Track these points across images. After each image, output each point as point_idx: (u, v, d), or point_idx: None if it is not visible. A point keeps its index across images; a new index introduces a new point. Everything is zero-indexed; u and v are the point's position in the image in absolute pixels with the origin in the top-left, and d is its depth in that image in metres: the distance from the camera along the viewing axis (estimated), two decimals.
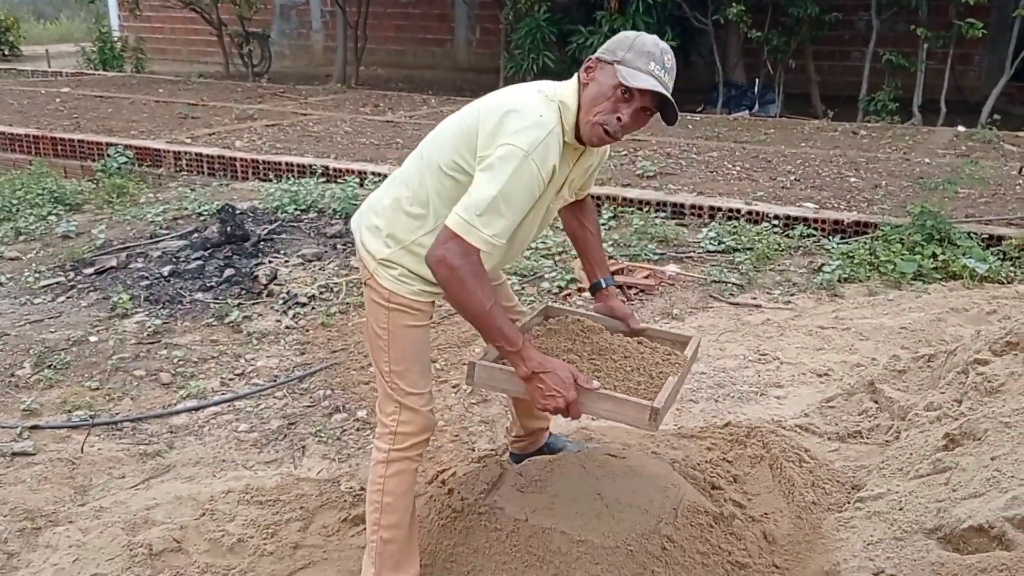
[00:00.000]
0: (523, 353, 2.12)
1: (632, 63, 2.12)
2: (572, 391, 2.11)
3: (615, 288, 2.69)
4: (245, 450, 3.49)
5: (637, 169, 7.50)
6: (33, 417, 3.68)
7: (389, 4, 16.89)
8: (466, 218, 2.04)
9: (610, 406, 2.16)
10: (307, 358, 4.29)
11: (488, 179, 2.06)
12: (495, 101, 2.19)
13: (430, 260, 2.09)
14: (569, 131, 2.19)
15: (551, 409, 2.14)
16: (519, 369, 2.14)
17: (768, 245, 5.65)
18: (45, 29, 25.67)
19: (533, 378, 2.12)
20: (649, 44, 2.15)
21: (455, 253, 2.04)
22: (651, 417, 2.11)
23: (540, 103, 2.15)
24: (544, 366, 2.12)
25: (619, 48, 2.15)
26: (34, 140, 8.73)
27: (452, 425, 3.62)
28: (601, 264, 2.67)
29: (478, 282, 2.06)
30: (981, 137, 9.23)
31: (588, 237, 2.68)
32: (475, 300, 2.07)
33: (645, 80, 2.11)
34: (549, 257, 5.59)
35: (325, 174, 7.51)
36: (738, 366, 4.10)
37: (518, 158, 2.04)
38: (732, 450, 3.03)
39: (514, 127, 2.08)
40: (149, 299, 4.86)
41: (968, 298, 4.67)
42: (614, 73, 2.13)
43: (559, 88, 2.23)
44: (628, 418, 2.15)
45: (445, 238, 2.06)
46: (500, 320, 2.11)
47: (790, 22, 11.03)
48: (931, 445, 2.74)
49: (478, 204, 2.04)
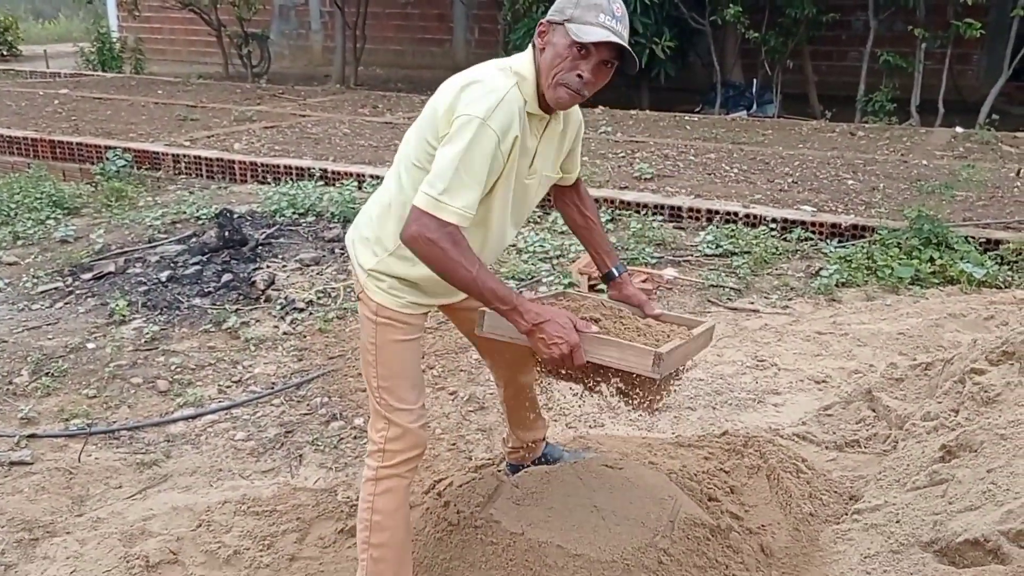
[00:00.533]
0: (519, 308, 2.11)
1: (581, 18, 2.10)
2: (573, 334, 2.11)
3: (627, 275, 2.66)
4: (242, 459, 3.49)
5: (634, 171, 7.50)
6: (31, 426, 3.69)
7: (388, 4, 16.87)
8: (431, 193, 2.04)
9: (613, 352, 2.16)
10: (304, 364, 4.29)
11: (447, 151, 2.06)
12: (450, 82, 2.19)
13: (404, 238, 2.08)
14: (531, 100, 2.18)
15: (556, 357, 2.13)
16: (518, 325, 2.13)
17: (766, 249, 5.65)
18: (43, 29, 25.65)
19: (534, 330, 2.12)
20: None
21: (429, 227, 2.03)
22: (655, 362, 2.10)
23: (494, 74, 2.16)
24: (542, 315, 2.12)
25: (567, 6, 2.12)
26: (32, 143, 8.72)
27: (449, 433, 3.62)
28: (610, 253, 2.65)
29: (459, 250, 2.05)
30: (979, 138, 9.23)
31: (591, 227, 2.66)
32: (459, 268, 2.06)
33: (598, 33, 2.09)
34: (547, 261, 5.59)
35: (323, 177, 7.50)
36: (736, 372, 4.11)
37: (475, 125, 2.04)
38: (729, 460, 3.03)
39: (468, 98, 2.09)
40: (147, 305, 4.86)
41: (966, 303, 4.67)
42: (566, 32, 2.11)
43: (514, 60, 2.22)
44: (632, 364, 2.14)
45: (416, 216, 2.06)
46: (490, 281, 2.10)
47: (787, 23, 11.01)
48: (928, 456, 2.75)
49: (440, 177, 2.04)
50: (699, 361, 4.20)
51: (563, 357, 2.13)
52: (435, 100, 2.19)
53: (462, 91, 2.12)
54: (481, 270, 2.09)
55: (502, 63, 2.23)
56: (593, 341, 2.16)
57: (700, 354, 2.74)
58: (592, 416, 3.68)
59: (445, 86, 2.20)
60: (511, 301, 2.11)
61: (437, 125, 2.15)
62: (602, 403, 3.76)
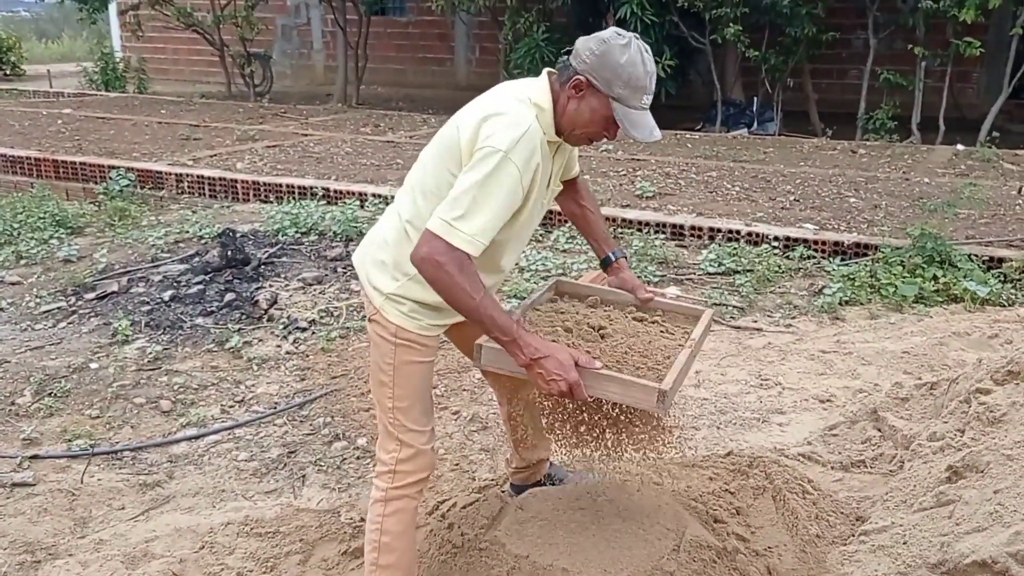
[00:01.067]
0: (519, 342, 2.11)
1: (628, 101, 2.14)
2: (573, 373, 2.11)
3: (624, 260, 2.68)
4: (245, 479, 3.48)
5: (636, 190, 7.51)
6: (33, 446, 3.67)
7: (389, 24, 16.99)
8: (445, 218, 2.05)
9: (617, 388, 2.14)
10: (307, 384, 4.28)
11: (466, 179, 2.07)
12: (471, 111, 2.21)
13: (414, 259, 2.09)
14: (548, 130, 2.21)
15: (555, 393, 2.13)
16: (517, 358, 2.13)
17: (768, 267, 5.65)
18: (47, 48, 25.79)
19: (532, 365, 2.11)
20: (640, 74, 2.14)
21: (439, 250, 2.04)
22: (659, 399, 2.09)
23: (515, 106, 2.17)
24: (540, 351, 2.11)
25: (614, 81, 2.13)
26: (36, 162, 8.74)
27: (452, 453, 3.60)
28: (606, 240, 2.68)
29: (465, 276, 2.05)
30: (980, 156, 9.25)
31: (588, 215, 2.69)
32: (464, 294, 2.06)
33: (645, 132, 2.17)
34: (549, 279, 5.57)
35: (325, 196, 7.52)
36: (740, 391, 4.09)
37: (497, 158, 2.06)
38: (735, 480, 3.02)
39: (490, 130, 2.10)
40: (150, 324, 4.86)
41: (970, 322, 4.66)
42: (608, 106, 2.15)
43: (530, 90, 2.24)
44: (636, 400, 2.13)
45: (428, 239, 2.06)
46: (492, 310, 2.10)
47: (787, 41, 11.07)
48: (934, 477, 2.73)
49: (457, 203, 2.05)
50: (703, 380, 4.19)
51: (562, 393, 2.13)
52: (455, 129, 2.20)
53: (484, 122, 2.12)
54: (485, 298, 2.09)
55: (519, 92, 2.23)
56: (596, 377, 2.14)
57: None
58: None
59: (465, 116, 2.20)
60: (511, 333, 2.11)
61: (460, 157, 2.15)
62: None
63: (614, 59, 2.12)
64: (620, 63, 2.12)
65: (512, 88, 2.26)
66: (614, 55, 2.12)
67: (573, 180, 2.65)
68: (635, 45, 2.14)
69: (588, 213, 2.68)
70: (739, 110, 12.20)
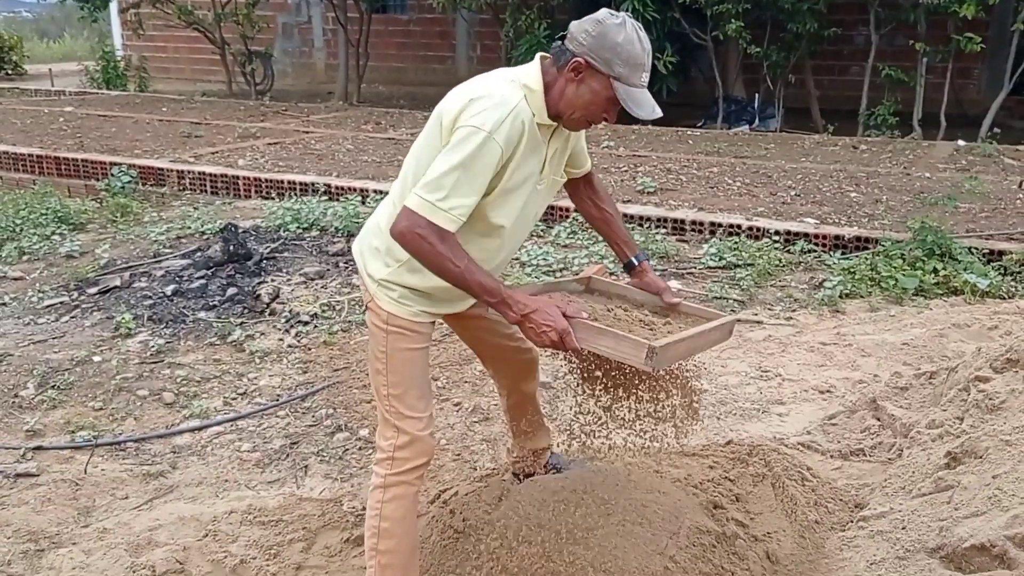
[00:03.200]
0: (508, 300, 2.15)
1: (628, 79, 2.15)
2: (562, 321, 2.15)
3: (647, 262, 2.68)
4: (248, 470, 3.49)
5: (637, 185, 7.53)
6: (37, 438, 3.70)
7: (390, 22, 17.01)
8: (424, 196, 2.08)
9: (608, 342, 2.17)
10: (309, 376, 4.29)
11: (446, 158, 2.09)
12: (458, 92, 2.22)
13: (393, 233, 2.12)
14: (539, 112, 2.21)
15: (547, 344, 2.17)
16: (508, 316, 2.17)
17: (769, 261, 5.66)
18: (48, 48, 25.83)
19: (523, 320, 2.16)
20: (638, 51, 2.15)
21: (419, 224, 2.08)
22: (648, 355, 2.10)
23: (502, 86, 2.19)
24: (529, 305, 2.15)
25: (614, 60, 2.14)
26: (38, 160, 8.77)
27: (454, 444, 3.62)
28: (628, 243, 2.67)
29: (446, 246, 2.09)
30: (981, 151, 9.25)
31: (607, 218, 2.68)
32: (447, 262, 2.10)
33: (647, 110, 2.17)
34: (550, 274, 5.60)
35: (327, 192, 7.54)
36: (740, 383, 4.11)
37: (480, 137, 2.08)
38: (734, 468, 3.03)
39: (475, 109, 2.11)
40: (152, 319, 4.88)
41: (970, 314, 4.67)
42: (610, 86, 2.16)
43: (520, 72, 2.25)
44: (626, 355, 2.15)
45: (406, 214, 2.09)
46: (478, 275, 2.13)
47: (789, 38, 11.08)
48: (933, 463, 2.75)
49: (435, 181, 2.08)
50: (703, 371, 4.20)
51: (554, 343, 2.16)
52: (440, 109, 2.22)
53: (470, 103, 2.13)
54: (469, 264, 2.12)
55: (509, 74, 2.25)
56: (589, 329, 2.18)
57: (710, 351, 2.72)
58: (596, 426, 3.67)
59: (452, 96, 2.22)
60: (499, 294, 2.15)
61: (442, 134, 2.17)
62: None
63: (612, 38, 2.13)
64: (618, 42, 2.13)
65: (502, 72, 2.29)
66: (611, 34, 2.14)
67: (590, 181, 2.65)
68: (630, 23, 2.16)
69: (607, 216, 2.67)
70: (741, 106, 12.21)
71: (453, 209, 2.08)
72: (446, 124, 2.16)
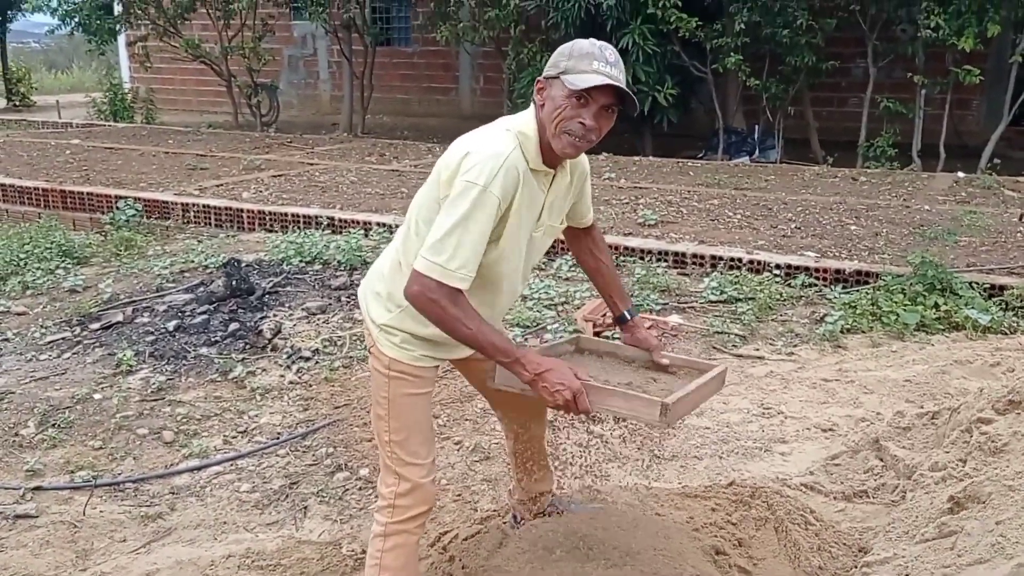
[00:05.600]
0: (521, 360, 2.17)
1: (575, 68, 2.15)
2: (575, 382, 2.16)
3: (640, 318, 2.69)
4: (247, 511, 3.48)
5: (638, 217, 7.54)
6: (36, 478, 3.69)
7: (395, 54, 17.15)
8: (431, 258, 2.10)
9: (620, 402, 2.19)
10: (310, 414, 4.29)
11: (447, 217, 2.12)
12: (454, 147, 2.24)
13: (408, 296, 2.15)
14: (533, 159, 2.22)
15: (560, 404, 2.17)
16: (521, 376, 2.18)
17: (770, 295, 5.66)
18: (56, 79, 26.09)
19: (536, 380, 2.16)
20: (586, 45, 2.17)
21: (429, 287, 2.10)
22: (662, 413, 2.12)
23: (495, 137, 2.21)
24: (542, 365, 2.17)
25: (560, 59, 2.18)
26: (43, 193, 8.82)
27: (454, 484, 3.60)
28: (622, 296, 2.69)
29: (458, 308, 2.12)
30: (981, 183, 9.27)
31: (603, 270, 2.70)
32: (459, 325, 2.13)
33: (594, 79, 2.13)
34: (552, 307, 5.60)
35: (330, 225, 7.56)
36: (742, 420, 4.09)
37: (475, 192, 2.10)
38: (737, 511, 3.01)
39: (469, 165, 2.13)
40: (154, 355, 4.88)
41: (971, 350, 4.66)
42: (563, 84, 2.16)
43: (517, 119, 2.27)
44: (639, 414, 2.17)
45: (416, 277, 2.12)
46: (491, 336, 2.16)
47: (788, 71, 11.15)
48: (936, 507, 2.73)
49: (440, 242, 2.10)
50: (705, 409, 4.19)
51: (567, 403, 2.17)
52: (441, 164, 2.24)
53: (466, 157, 2.15)
54: (481, 325, 2.14)
55: (507, 123, 2.27)
56: (600, 392, 2.20)
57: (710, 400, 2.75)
58: (598, 466, 3.66)
59: (451, 150, 2.24)
60: (512, 354, 2.17)
61: (440, 187, 2.20)
62: (608, 453, 3.76)
63: (560, 50, 2.21)
64: (563, 49, 2.20)
65: (502, 121, 2.31)
66: (561, 48, 2.21)
67: (590, 231, 2.66)
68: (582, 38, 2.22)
69: (603, 267, 2.70)
70: (740, 138, 12.27)
71: (460, 269, 2.10)
72: (444, 178, 2.19)
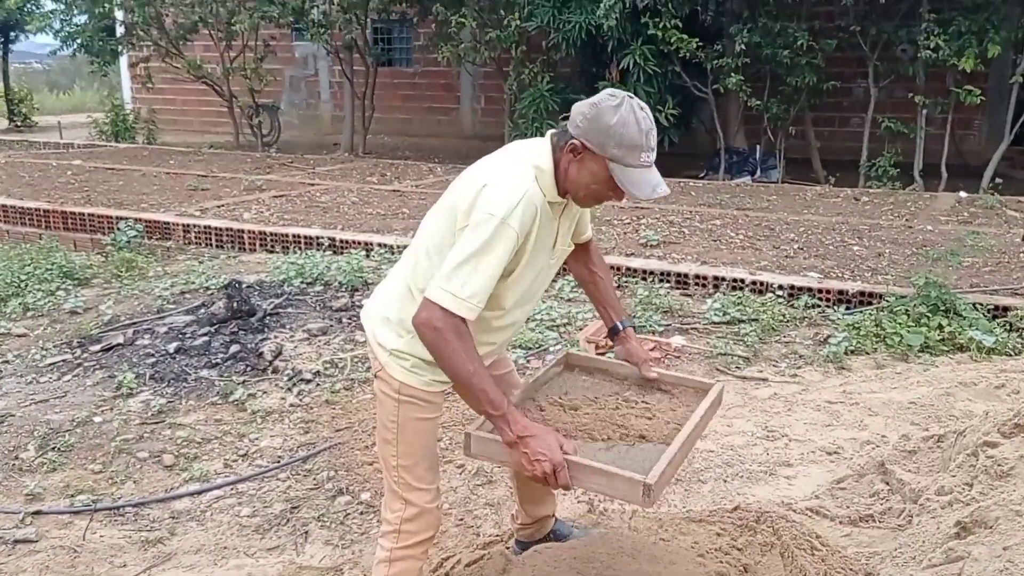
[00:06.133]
0: (507, 417, 2.13)
1: (624, 160, 2.14)
2: (558, 454, 2.10)
3: (632, 330, 2.67)
4: (247, 536, 3.45)
5: (640, 238, 7.54)
6: (36, 502, 3.66)
7: (396, 75, 17.22)
8: (443, 286, 2.10)
9: (601, 480, 2.11)
10: (311, 437, 4.26)
11: (463, 247, 2.11)
12: (471, 176, 2.24)
13: (415, 323, 2.13)
14: (549, 192, 2.22)
15: (539, 475, 2.12)
16: (504, 434, 2.14)
17: (773, 316, 5.64)
18: (58, 100, 26.18)
19: (518, 443, 2.12)
20: (633, 133, 2.13)
21: (437, 316, 2.09)
22: (644, 493, 2.04)
23: (513, 171, 2.20)
24: (528, 430, 2.13)
25: (608, 143, 2.13)
26: (44, 214, 8.83)
27: (457, 508, 3.58)
28: (616, 308, 2.68)
29: (462, 344, 2.10)
30: (983, 203, 9.28)
31: (598, 281, 2.69)
32: (459, 361, 2.11)
33: (646, 191, 2.14)
34: (554, 328, 5.58)
35: (331, 245, 7.56)
36: (746, 443, 4.06)
37: (494, 225, 2.09)
38: (742, 536, 2.98)
39: (489, 197, 2.13)
40: (154, 377, 4.86)
41: (976, 372, 4.63)
42: (606, 167, 2.16)
43: (532, 153, 2.26)
44: (620, 493, 2.10)
45: (426, 305, 2.11)
46: (485, 383, 2.13)
47: (788, 91, 11.18)
48: (943, 532, 2.71)
49: (454, 271, 2.09)
50: (709, 432, 4.16)
51: (545, 475, 2.11)
52: (456, 193, 2.23)
53: (484, 189, 2.15)
54: (479, 368, 2.12)
55: (522, 155, 2.26)
56: (582, 469, 2.12)
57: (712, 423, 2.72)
58: None
59: (466, 179, 2.24)
60: (501, 408, 2.13)
61: (456, 218, 2.19)
62: None
63: (605, 121, 2.13)
64: (611, 124, 2.13)
65: (517, 150, 2.30)
66: (604, 117, 2.13)
67: (587, 246, 2.66)
68: (628, 104, 2.14)
69: (598, 279, 2.69)
70: (742, 158, 12.30)
71: (471, 298, 2.09)
72: (462, 209, 2.17)
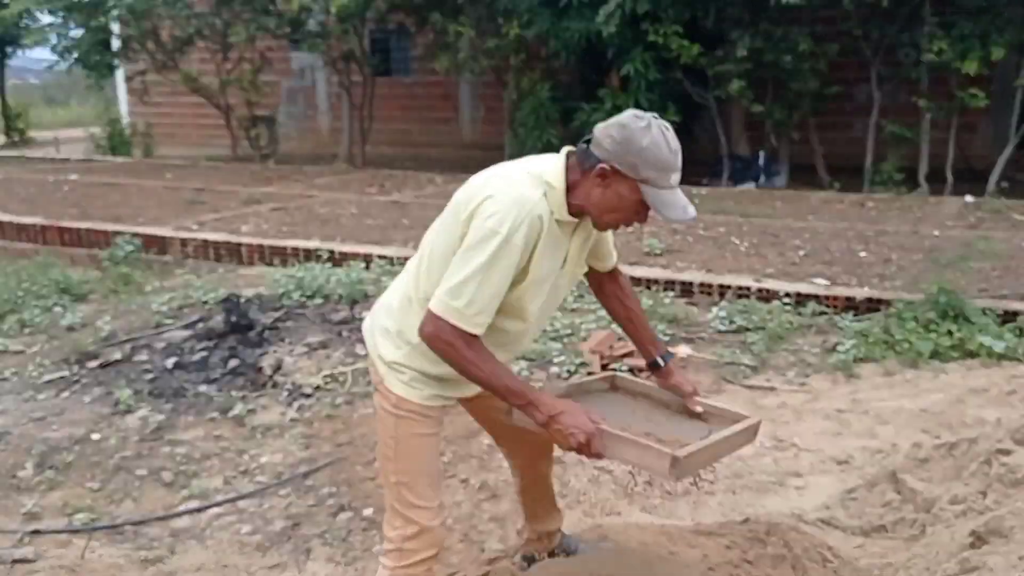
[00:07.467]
0: (535, 403, 2.16)
1: (657, 182, 2.10)
2: (589, 425, 2.14)
3: (673, 363, 2.59)
4: (248, 554, 3.39)
5: (644, 247, 7.48)
6: (34, 521, 3.60)
7: (394, 85, 17.17)
8: (448, 301, 2.08)
9: (632, 451, 2.16)
10: (312, 452, 4.20)
11: (466, 261, 2.08)
12: (476, 186, 2.19)
13: (422, 336, 2.13)
14: (558, 209, 2.17)
15: (575, 446, 2.15)
16: (535, 417, 2.16)
17: (780, 324, 5.57)
18: (55, 114, 26.18)
19: (550, 422, 2.15)
20: (665, 155, 2.09)
21: (444, 330, 2.09)
22: (672, 465, 2.08)
23: (519, 181, 2.15)
24: (556, 407, 2.16)
25: (640, 165, 2.09)
26: (41, 229, 8.79)
27: (461, 523, 3.51)
28: (655, 342, 2.61)
29: (473, 351, 2.11)
30: (989, 207, 9.21)
31: (632, 316, 2.63)
32: (474, 368, 2.13)
33: (679, 213, 2.11)
34: (557, 340, 5.51)
35: (331, 258, 7.50)
36: (755, 453, 3.99)
37: (497, 240, 2.06)
38: (752, 549, 2.92)
39: (491, 209, 2.08)
40: (152, 393, 4.80)
41: (987, 378, 4.57)
42: (637, 190, 2.11)
43: (543, 167, 2.21)
44: (649, 465, 2.15)
45: (431, 318, 2.10)
46: (505, 378, 2.16)
47: (791, 96, 11.13)
48: (957, 542, 2.64)
49: (458, 286, 2.08)
50: None
51: (580, 446, 2.14)
52: (459, 199, 2.19)
53: (487, 200, 2.10)
54: (496, 368, 2.13)
55: (532, 167, 2.21)
56: (612, 438, 2.17)
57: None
58: (609, 503, 3.57)
59: (471, 187, 2.19)
60: (526, 396, 2.16)
61: (459, 225, 2.15)
62: (619, 490, 3.66)
63: (637, 143, 2.08)
64: (644, 146, 2.08)
65: (528, 163, 2.25)
66: (636, 139, 2.08)
67: (614, 276, 2.61)
68: (655, 125, 2.10)
69: (632, 314, 2.63)
70: (745, 164, 12.23)
71: (477, 315, 2.08)
72: (463, 216, 2.14)
